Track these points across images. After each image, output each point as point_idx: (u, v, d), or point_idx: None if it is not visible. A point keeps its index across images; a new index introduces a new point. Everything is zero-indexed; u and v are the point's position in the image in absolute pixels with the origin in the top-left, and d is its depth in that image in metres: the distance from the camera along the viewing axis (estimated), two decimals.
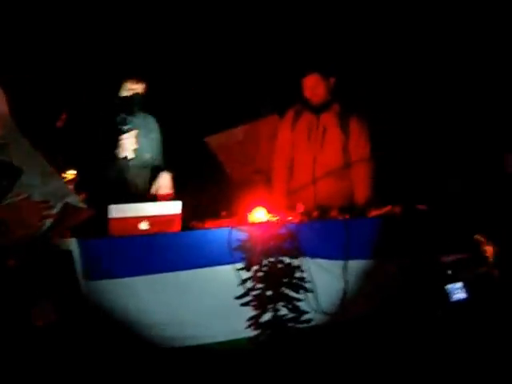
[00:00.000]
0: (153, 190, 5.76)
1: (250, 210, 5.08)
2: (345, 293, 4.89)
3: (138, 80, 5.70)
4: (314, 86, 5.82)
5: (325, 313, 4.84)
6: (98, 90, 5.75)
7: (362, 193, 5.74)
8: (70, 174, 5.50)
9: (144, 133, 5.78)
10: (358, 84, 6.52)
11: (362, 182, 5.77)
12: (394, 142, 6.38)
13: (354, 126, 5.83)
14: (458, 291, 4.95)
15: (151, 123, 5.88)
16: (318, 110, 5.85)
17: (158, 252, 4.76)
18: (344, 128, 5.81)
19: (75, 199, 4.57)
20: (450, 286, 4.95)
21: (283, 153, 5.99)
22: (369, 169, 5.79)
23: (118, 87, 5.69)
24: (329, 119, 5.84)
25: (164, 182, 5.74)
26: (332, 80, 5.85)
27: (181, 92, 6.63)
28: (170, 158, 5.86)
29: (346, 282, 4.89)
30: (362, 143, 5.84)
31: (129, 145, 5.70)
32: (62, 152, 5.56)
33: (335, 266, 4.91)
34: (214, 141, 6.31)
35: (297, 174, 5.94)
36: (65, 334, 4.48)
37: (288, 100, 5.98)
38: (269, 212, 5.06)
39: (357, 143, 5.82)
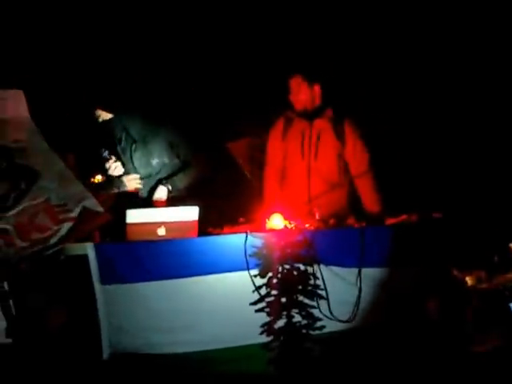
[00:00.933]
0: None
1: (267, 216, 5.11)
2: (359, 301, 4.87)
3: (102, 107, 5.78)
4: (296, 89, 5.78)
5: (338, 320, 4.83)
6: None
7: (372, 200, 5.74)
8: (97, 178, 5.59)
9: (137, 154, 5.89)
10: (361, 89, 6.48)
11: (370, 190, 5.77)
12: (409, 149, 6.35)
13: (349, 131, 5.81)
14: None
15: (147, 140, 5.93)
16: (310, 116, 5.82)
17: (172, 258, 4.82)
18: (338, 134, 5.79)
19: (93, 203, 4.64)
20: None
21: (274, 162, 5.97)
22: (372, 175, 5.78)
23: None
24: (322, 125, 5.81)
25: (160, 195, 5.82)
26: (317, 86, 5.80)
27: (201, 97, 6.64)
28: (190, 163, 5.89)
29: (361, 290, 4.87)
30: (360, 149, 5.82)
31: (114, 170, 5.76)
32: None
33: (350, 273, 4.90)
34: (236, 147, 6.33)
35: (291, 181, 5.92)
36: (76, 335, 4.56)
37: None
38: (285, 219, 5.07)
39: (354, 149, 5.81)
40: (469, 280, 4.94)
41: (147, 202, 5.72)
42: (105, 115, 5.70)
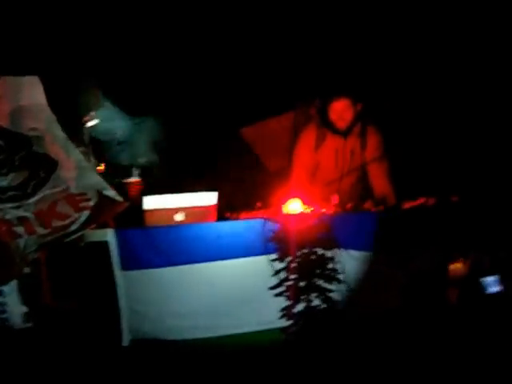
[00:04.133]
0: None
1: (284, 201, 5.12)
2: (377, 284, 4.90)
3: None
4: (342, 111, 5.76)
5: (357, 304, 4.87)
6: None
7: (384, 188, 5.72)
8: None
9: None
10: (375, 75, 6.48)
11: (382, 176, 5.77)
12: (427, 131, 6.34)
13: (370, 137, 5.82)
14: (493, 284, 4.94)
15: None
16: (343, 133, 5.81)
17: (192, 242, 4.85)
18: (363, 143, 5.81)
19: (111, 192, 4.65)
20: (485, 279, 4.94)
21: (304, 168, 5.90)
22: (386, 161, 5.79)
23: None
24: (354, 143, 5.82)
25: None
26: (359, 106, 5.79)
27: (215, 84, 6.64)
28: (205, 150, 5.91)
29: (379, 274, 4.90)
30: (373, 135, 5.84)
31: None
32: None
33: (368, 257, 4.92)
34: (250, 132, 6.31)
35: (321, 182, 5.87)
36: (96, 322, 4.59)
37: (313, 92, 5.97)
38: (303, 203, 5.09)
39: (372, 149, 5.81)
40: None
41: None
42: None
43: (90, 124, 5.63)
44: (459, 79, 6.42)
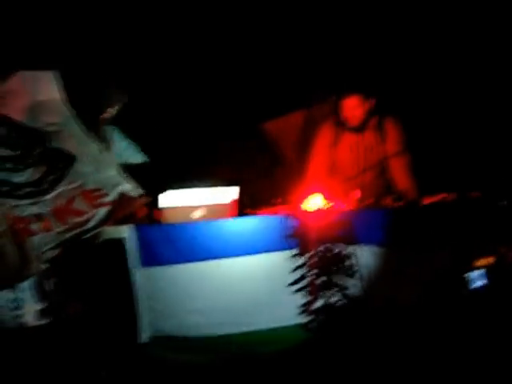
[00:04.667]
0: None
1: (305, 196, 5.09)
2: (396, 281, 4.85)
3: None
4: (353, 108, 5.72)
5: (375, 301, 4.82)
6: None
7: (405, 183, 5.66)
8: None
9: None
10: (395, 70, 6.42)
11: (403, 171, 5.71)
12: (448, 126, 6.27)
13: (389, 130, 5.78)
14: (478, 278, 4.87)
15: None
16: (358, 129, 5.78)
17: (210, 239, 4.83)
18: (382, 139, 5.77)
19: (129, 187, 4.63)
20: (470, 274, 4.87)
21: (320, 163, 5.89)
22: (407, 157, 5.72)
23: None
24: (370, 138, 5.78)
25: None
26: (372, 101, 5.74)
27: (233, 80, 6.62)
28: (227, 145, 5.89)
29: (398, 270, 4.85)
30: (395, 130, 5.78)
31: None
32: None
33: (387, 253, 4.87)
34: (272, 126, 6.30)
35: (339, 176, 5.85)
36: (112, 319, 4.59)
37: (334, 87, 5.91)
38: (324, 199, 5.05)
39: (393, 143, 5.76)
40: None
41: None
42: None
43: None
44: (483, 71, 6.33)
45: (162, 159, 5.74)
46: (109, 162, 4.69)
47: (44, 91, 4.62)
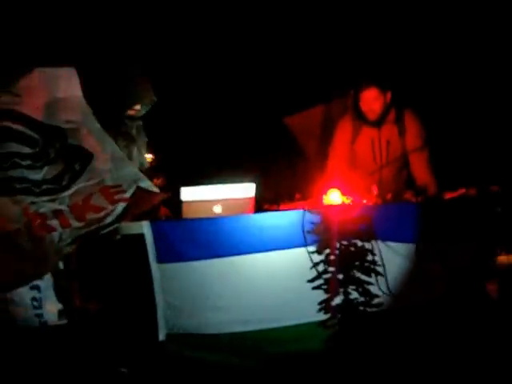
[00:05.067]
0: None
1: (324, 192, 5.05)
2: (416, 277, 4.81)
3: None
4: (372, 101, 5.66)
5: (396, 297, 4.77)
6: None
7: (425, 178, 5.59)
8: (148, 157, 5.57)
9: None
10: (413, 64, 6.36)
11: (424, 166, 5.65)
12: (469, 121, 6.20)
13: (409, 124, 5.71)
14: None
15: None
16: (377, 122, 5.72)
17: (229, 235, 4.81)
18: (401, 132, 5.71)
19: (147, 184, 4.62)
20: None
21: (341, 158, 5.85)
22: (427, 151, 5.66)
23: None
24: (390, 131, 5.73)
25: None
26: (388, 94, 5.69)
27: (254, 74, 6.59)
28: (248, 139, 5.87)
29: (418, 266, 4.81)
30: (415, 125, 5.72)
31: None
32: None
33: (407, 249, 4.83)
34: (293, 121, 6.26)
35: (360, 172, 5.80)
36: (131, 316, 4.58)
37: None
38: (343, 194, 5.01)
39: (413, 137, 5.70)
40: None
41: None
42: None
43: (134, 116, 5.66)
44: (505, 62, 6.26)
45: (182, 155, 5.74)
46: (126, 160, 4.69)
47: (63, 88, 4.61)
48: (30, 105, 4.48)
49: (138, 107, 5.53)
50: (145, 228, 4.74)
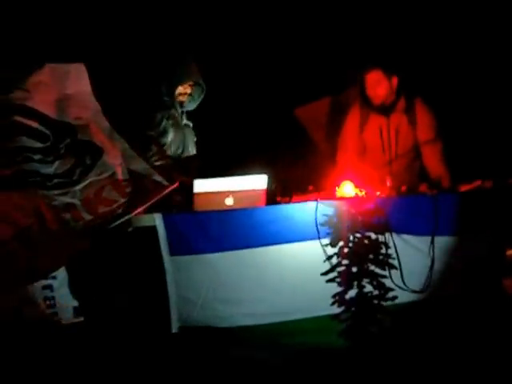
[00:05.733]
0: None
1: (337, 184, 5.00)
2: (431, 270, 4.76)
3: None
4: (375, 84, 5.57)
5: (410, 290, 4.73)
6: None
7: (438, 170, 5.52)
8: None
9: None
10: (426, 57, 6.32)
11: (436, 158, 5.57)
12: (485, 114, 6.15)
13: (420, 111, 5.62)
14: None
15: None
16: (385, 110, 5.63)
17: (241, 227, 4.77)
18: (412, 121, 5.61)
19: (159, 178, 4.61)
20: None
21: (351, 149, 5.78)
22: (440, 143, 5.59)
23: None
24: (398, 119, 5.63)
25: None
26: (394, 79, 5.59)
27: (266, 66, 6.54)
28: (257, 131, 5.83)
29: (433, 259, 4.76)
30: (428, 116, 5.63)
31: None
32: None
33: (422, 242, 4.78)
34: (303, 113, 6.20)
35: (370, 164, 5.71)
36: (145, 309, 4.56)
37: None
38: (356, 186, 4.96)
39: (422, 119, 5.61)
40: None
41: None
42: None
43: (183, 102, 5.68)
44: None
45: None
46: (136, 156, 4.67)
47: (73, 84, 4.63)
48: (41, 100, 4.50)
49: (188, 90, 5.60)
50: (157, 220, 4.69)
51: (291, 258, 4.77)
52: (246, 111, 6.32)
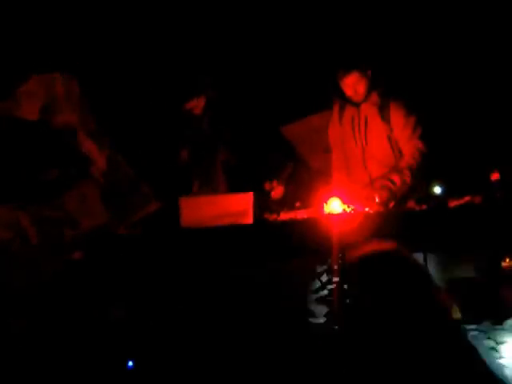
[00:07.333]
0: None
1: (325, 200, 4.94)
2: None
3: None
4: (354, 84, 5.50)
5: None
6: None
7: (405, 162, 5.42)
8: None
9: None
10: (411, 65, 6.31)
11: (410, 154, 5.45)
12: (473, 127, 6.13)
13: (395, 112, 5.53)
14: None
15: None
16: (357, 103, 5.59)
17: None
18: (384, 117, 5.52)
19: (145, 191, 4.59)
20: None
21: (337, 145, 5.77)
22: (418, 144, 5.45)
23: None
24: (368, 110, 5.55)
25: None
26: (369, 72, 5.53)
27: (255, 83, 6.51)
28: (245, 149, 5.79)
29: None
30: (404, 123, 5.50)
31: None
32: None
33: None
34: (290, 130, 6.19)
35: (351, 166, 5.69)
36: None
37: None
38: (344, 203, 4.90)
39: (400, 127, 5.51)
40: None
41: None
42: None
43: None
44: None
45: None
46: (124, 165, 4.64)
47: (60, 92, 4.58)
48: (28, 109, 4.45)
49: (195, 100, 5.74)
50: None
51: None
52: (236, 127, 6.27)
